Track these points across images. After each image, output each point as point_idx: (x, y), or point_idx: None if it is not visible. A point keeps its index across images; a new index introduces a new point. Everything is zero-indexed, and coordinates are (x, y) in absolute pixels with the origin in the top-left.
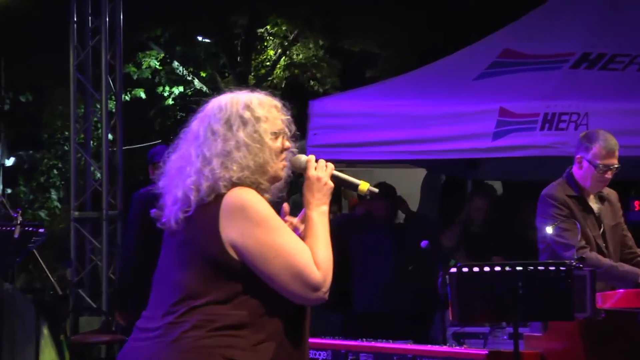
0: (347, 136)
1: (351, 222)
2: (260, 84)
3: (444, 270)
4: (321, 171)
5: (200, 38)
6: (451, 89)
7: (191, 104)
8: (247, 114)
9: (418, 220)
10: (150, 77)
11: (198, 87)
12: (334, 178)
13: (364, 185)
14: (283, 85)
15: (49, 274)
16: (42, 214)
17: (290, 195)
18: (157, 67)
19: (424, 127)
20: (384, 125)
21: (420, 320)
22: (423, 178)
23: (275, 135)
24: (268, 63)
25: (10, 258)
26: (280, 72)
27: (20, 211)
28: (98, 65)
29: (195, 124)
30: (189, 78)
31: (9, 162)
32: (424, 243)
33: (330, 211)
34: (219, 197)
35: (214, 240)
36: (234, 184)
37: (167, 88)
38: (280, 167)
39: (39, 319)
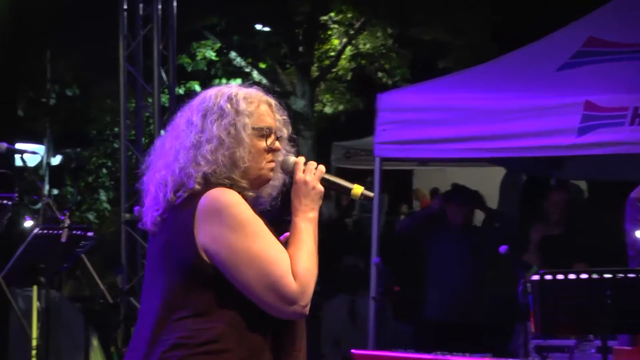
0: (418, 132)
1: (425, 222)
2: (324, 76)
3: (525, 278)
4: (309, 174)
5: (259, 27)
6: (532, 80)
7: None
8: (227, 106)
9: (498, 220)
10: (205, 68)
11: (257, 80)
12: (324, 182)
13: (357, 189)
14: (349, 78)
15: (99, 281)
16: (91, 216)
17: None
18: (213, 58)
19: (501, 122)
20: (459, 120)
21: (499, 332)
22: (502, 178)
23: (260, 132)
24: (332, 53)
25: (57, 264)
26: (345, 63)
27: (67, 213)
28: (150, 56)
29: (178, 115)
30: (247, 70)
31: (55, 160)
32: (502, 248)
33: (400, 212)
34: (195, 196)
35: (188, 246)
36: (207, 181)
37: (223, 80)
38: (263, 168)
39: (88, 329)
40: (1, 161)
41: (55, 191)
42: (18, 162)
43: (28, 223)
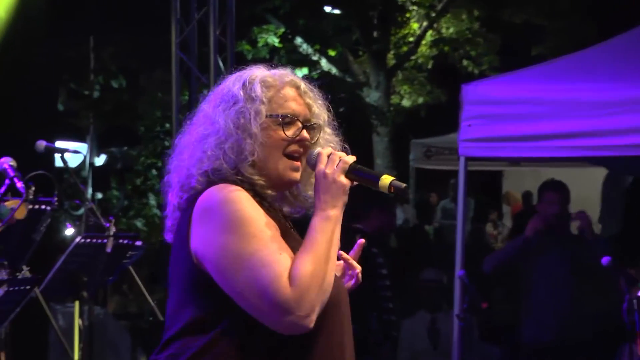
0: (509, 128)
1: (520, 253)
2: (401, 65)
3: (630, 294)
4: (330, 166)
5: (328, 9)
6: (638, 69)
7: (318, 88)
8: (240, 93)
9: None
10: (267, 56)
11: (326, 69)
12: (351, 175)
13: (385, 180)
14: (429, 66)
15: (147, 296)
16: (139, 223)
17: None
18: (276, 44)
19: (604, 117)
20: (555, 115)
21: (601, 354)
22: (603, 179)
23: (277, 120)
24: (411, 39)
25: (101, 277)
26: (426, 50)
27: (112, 220)
28: (205, 42)
29: (199, 107)
30: (315, 58)
31: (99, 160)
32: (605, 260)
33: (488, 219)
34: (196, 196)
35: (183, 252)
36: (210, 180)
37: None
38: (285, 165)
39: (136, 350)
40: (39, 161)
41: (99, 195)
42: (58, 163)
43: (69, 231)
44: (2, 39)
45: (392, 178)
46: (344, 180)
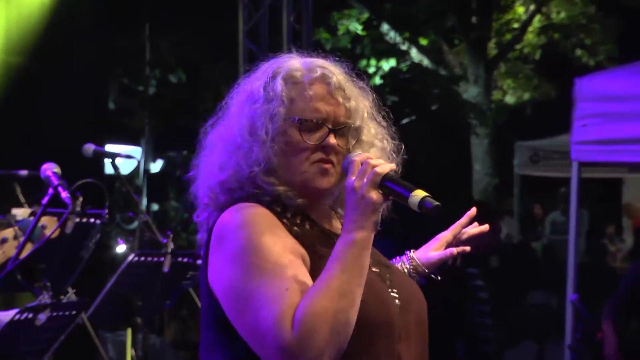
0: (630, 128)
1: None
2: (504, 55)
3: None
4: (360, 178)
5: None
6: None
7: (407, 83)
8: (261, 90)
9: None
10: (349, 46)
11: (416, 61)
12: (385, 188)
13: (417, 195)
14: (537, 57)
15: None
16: None
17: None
18: (359, 32)
19: None
20: None
21: None
22: None
23: (298, 125)
24: (516, 25)
25: (157, 301)
26: (533, 38)
27: (170, 235)
28: (277, 30)
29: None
30: (404, 47)
31: (156, 167)
32: None
33: (606, 234)
34: (216, 219)
35: (205, 285)
36: (225, 194)
37: (372, 62)
38: (306, 171)
39: None
40: (87, 167)
41: (156, 206)
42: (108, 169)
43: (121, 248)
44: (45, 26)
45: (426, 194)
46: (374, 195)
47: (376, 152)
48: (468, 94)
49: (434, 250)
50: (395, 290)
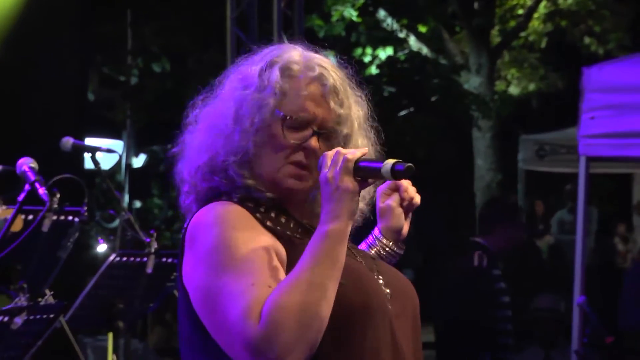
0: None
1: None
2: (508, 43)
3: None
4: (333, 168)
5: None
6: None
7: (405, 73)
8: (256, 77)
9: None
10: (344, 33)
11: (415, 49)
12: (358, 172)
13: (387, 162)
14: (543, 45)
15: None
16: None
17: None
18: (354, 18)
19: None
20: None
21: None
22: None
23: (284, 120)
24: (521, 11)
25: (140, 304)
26: (538, 25)
27: (154, 234)
28: (267, 17)
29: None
30: (402, 35)
31: (138, 161)
32: None
33: (616, 233)
34: (192, 215)
35: (180, 286)
36: (207, 187)
37: (368, 50)
38: (279, 170)
39: None
40: (66, 162)
41: (138, 204)
42: (88, 164)
43: (101, 247)
44: (21, 12)
45: (393, 161)
46: (349, 183)
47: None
48: (470, 84)
49: (383, 215)
50: (382, 279)
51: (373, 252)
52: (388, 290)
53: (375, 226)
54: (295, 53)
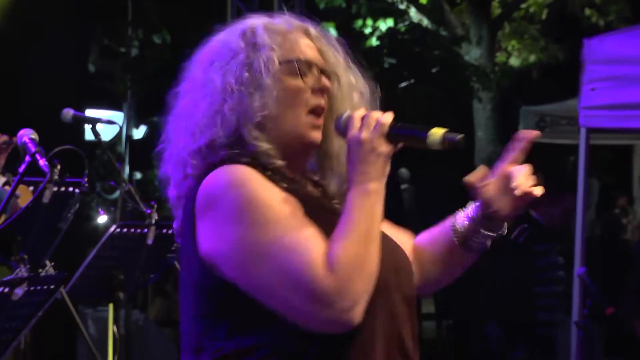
0: None
1: None
2: (508, 15)
3: None
4: (366, 130)
5: None
6: None
7: (406, 44)
8: (240, 44)
9: None
10: (344, 5)
11: (415, 21)
12: (392, 136)
13: (435, 134)
14: (543, 17)
15: None
16: None
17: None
18: None
19: None
20: None
21: None
22: None
23: (292, 67)
24: None
25: (141, 275)
26: None
27: (155, 205)
28: None
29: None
30: (402, 7)
31: (139, 133)
32: None
33: (615, 205)
34: (196, 187)
35: (193, 257)
36: (205, 160)
37: (369, 22)
38: (302, 122)
39: None
40: (66, 134)
41: (139, 175)
42: (89, 136)
43: (102, 218)
44: None
45: (444, 130)
46: (383, 146)
47: (357, 103)
48: (470, 56)
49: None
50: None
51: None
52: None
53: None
54: (262, 17)
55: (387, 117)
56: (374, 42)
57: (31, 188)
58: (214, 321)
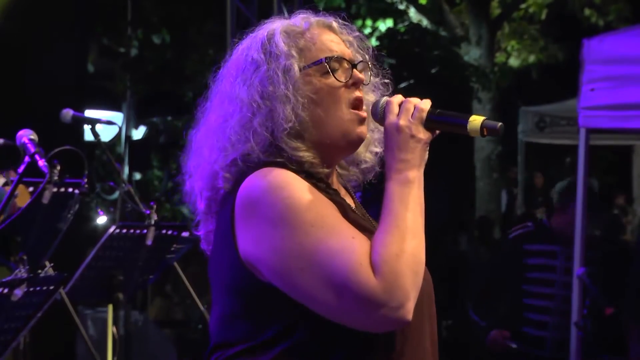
0: None
1: None
2: (508, 15)
3: None
4: (404, 116)
5: None
6: None
7: (405, 44)
8: (260, 56)
9: None
10: (343, 5)
11: (415, 21)
12: (430, 123)
13: (475, 121)
14: (543, 17)
15: (197, 300)
16: (186, 210)
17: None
18: None
19: None
20: None
21: None
22: None
23: (326, 64)
24: None
25: (140, 275)
26: None
27: (154, 206)
28: None
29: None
30: (402, 7)
31: (138, 134)
32: None
33: (615, 205)
34: (233, 191)
35: (230, 258)
36: (241, 170)
37: (368, 22)
38: (345, 118)
39: None
40: (66, 134)
41: (138, 176)
42: (88, 136)
43: (101, 219)
44: None
45: (483, 117)
46: (422, 133)
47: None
48: (470, 56)
49: None
50: None
51: None
52: None
53: None
54: (281, 19)
55: (426, 103)
56: (373, 42)
57: (31, 189)
58: (242, 321)
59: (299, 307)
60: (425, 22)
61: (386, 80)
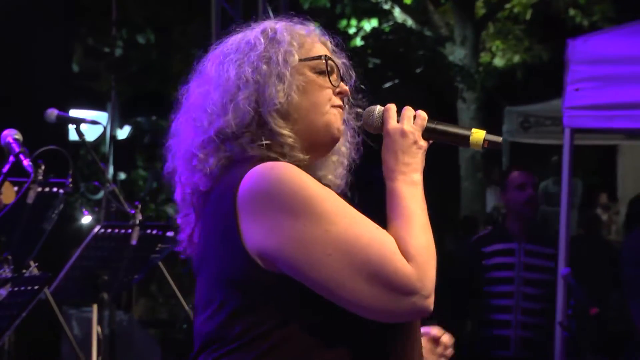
0: (626, 93)
1: None
2: (492, 15)
3: None
4: (407, 122)
5: None
6: None
7: (390, 44)
8: (259, 39)
9: None
10: (328, 5)
11: (400, 21)
12: (429, 133)
13: (477, 134)
14: (528, 17)
15: (182, 299)
16: (171, 209)
17: None
18: None
19: None
20: None
21: None
22: None
23: (316, 64)
24: None
25: (125, 275)
26: None
27: (139, 206)
28: None
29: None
30: (386, 7)
31: (123, 133)
32: None
33: (599, 204)
34: (225, 183)
35: (234, 254)
36: (220, 155)
37: (353, 22)
38: (328, 112)
39: None
40: (50, 134)
41: (123, 175)
42: (73, 136)
43: (86, 219)
44: None
45: (484, 131)
46: (422, 140)
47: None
48: (454, 56)
49: None
50: None
51: None
52: None
53: None
54: (281, 21)
55: (424, 114)
56: (358, 42)
57: (15, 189)
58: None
59: (296, 304)
60: (410, 22)
61: (358, 110)
